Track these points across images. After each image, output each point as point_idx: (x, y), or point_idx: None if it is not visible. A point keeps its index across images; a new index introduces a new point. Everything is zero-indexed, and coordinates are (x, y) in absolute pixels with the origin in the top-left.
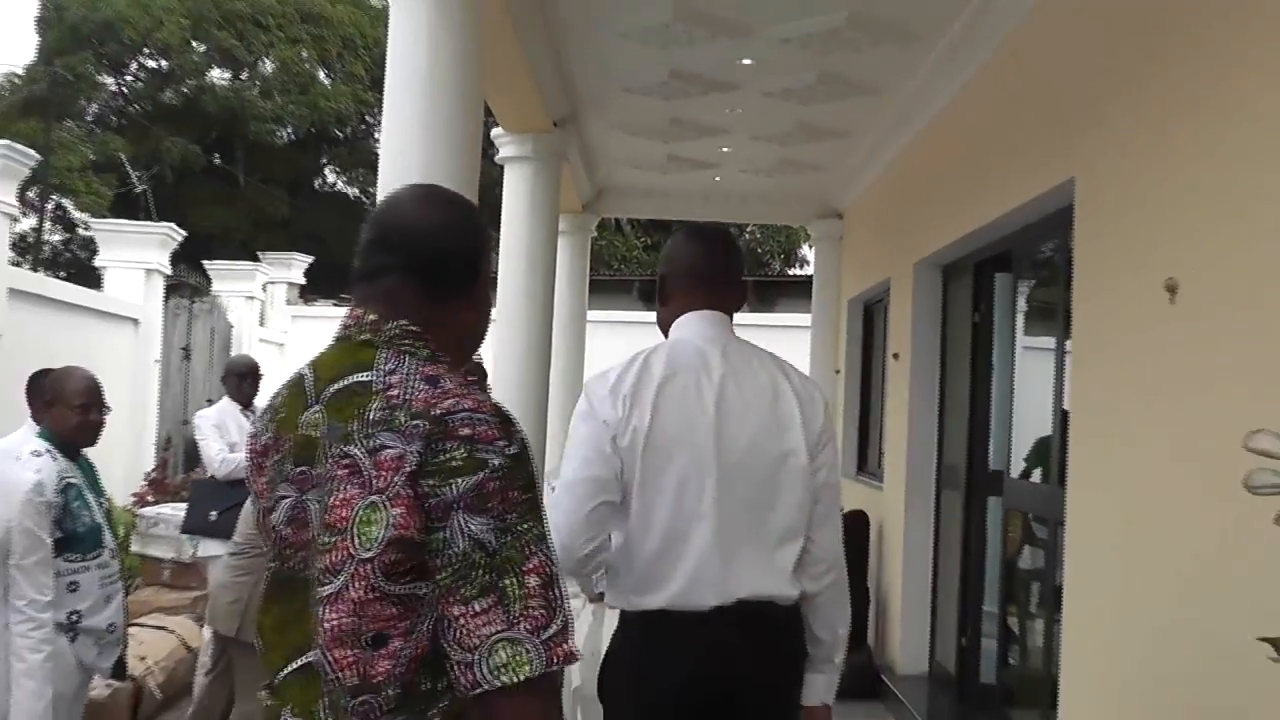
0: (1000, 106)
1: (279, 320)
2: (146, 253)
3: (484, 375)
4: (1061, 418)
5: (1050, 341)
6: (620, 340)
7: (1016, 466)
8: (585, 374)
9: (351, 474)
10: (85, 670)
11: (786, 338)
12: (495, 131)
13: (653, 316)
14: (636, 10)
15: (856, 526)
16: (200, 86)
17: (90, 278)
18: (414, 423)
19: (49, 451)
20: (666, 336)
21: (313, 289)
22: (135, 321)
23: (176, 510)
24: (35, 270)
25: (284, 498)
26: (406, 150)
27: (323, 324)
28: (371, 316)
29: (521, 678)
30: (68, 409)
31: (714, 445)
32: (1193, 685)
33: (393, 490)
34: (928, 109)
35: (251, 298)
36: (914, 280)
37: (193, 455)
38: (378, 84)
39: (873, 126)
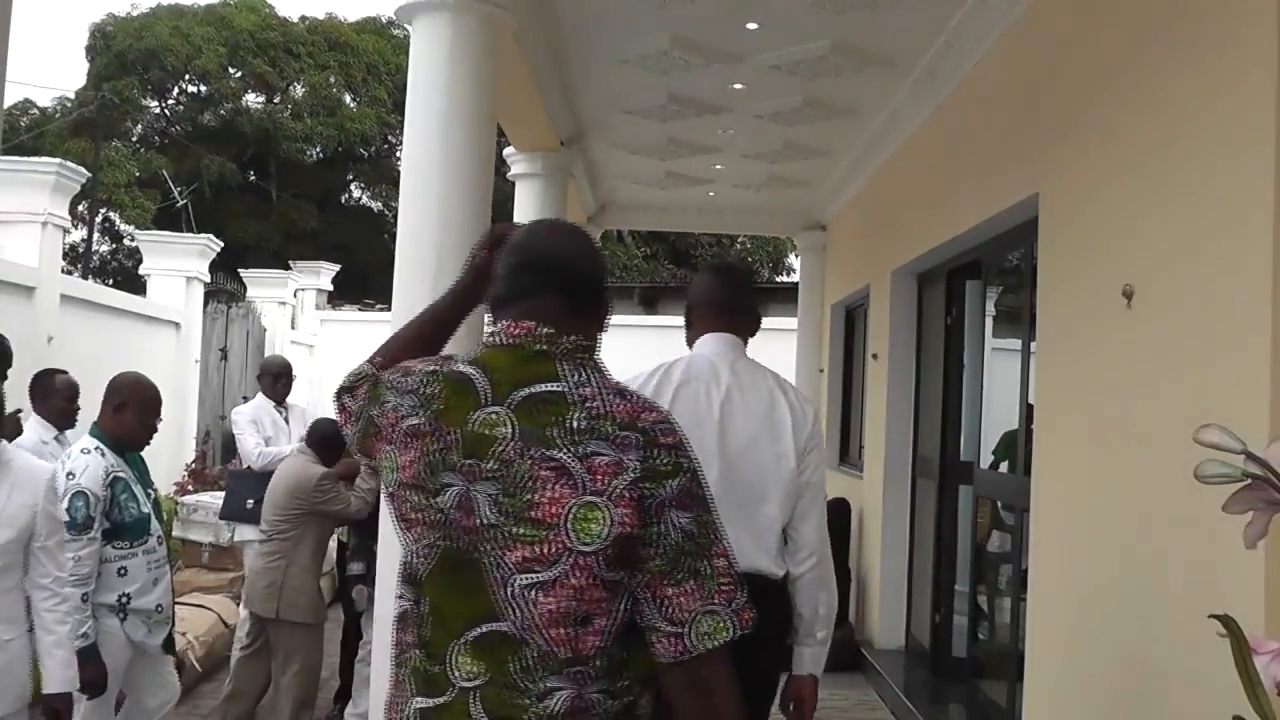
0: (970, 127)
1: (309, 324)
2: (187, 262)
3: None
4: (1027, 413)
5: (1016, 343)
6: (622, 343)
7: (986, 458)
8: None
9: (558, 475)
10: (135, 647)
11: (774, 340)
12: (507, 150)
13: (652, 320)
14: (636, 40)
15: (839, 513)
16: (236, 109)
17: (135, 285)
18: (623, 433)
19: (97, 449)
20: (690, 350)
21: (340, 295)
22: (177, 325)
23: (215, 498)
24: (85, 278)
25: (450, 485)
26: (426, 168)
27: (349, 327)
28: (546, 330)
29: (721, 642)
30: (142, 416)
31: (717, 441)
32: (1147, 659)
33: (614, 493)
34: (904, 129)
35: (283, 303)
36: (891, 287)
37: (230, 448)
38: (399, 107)
39: (853, 145)
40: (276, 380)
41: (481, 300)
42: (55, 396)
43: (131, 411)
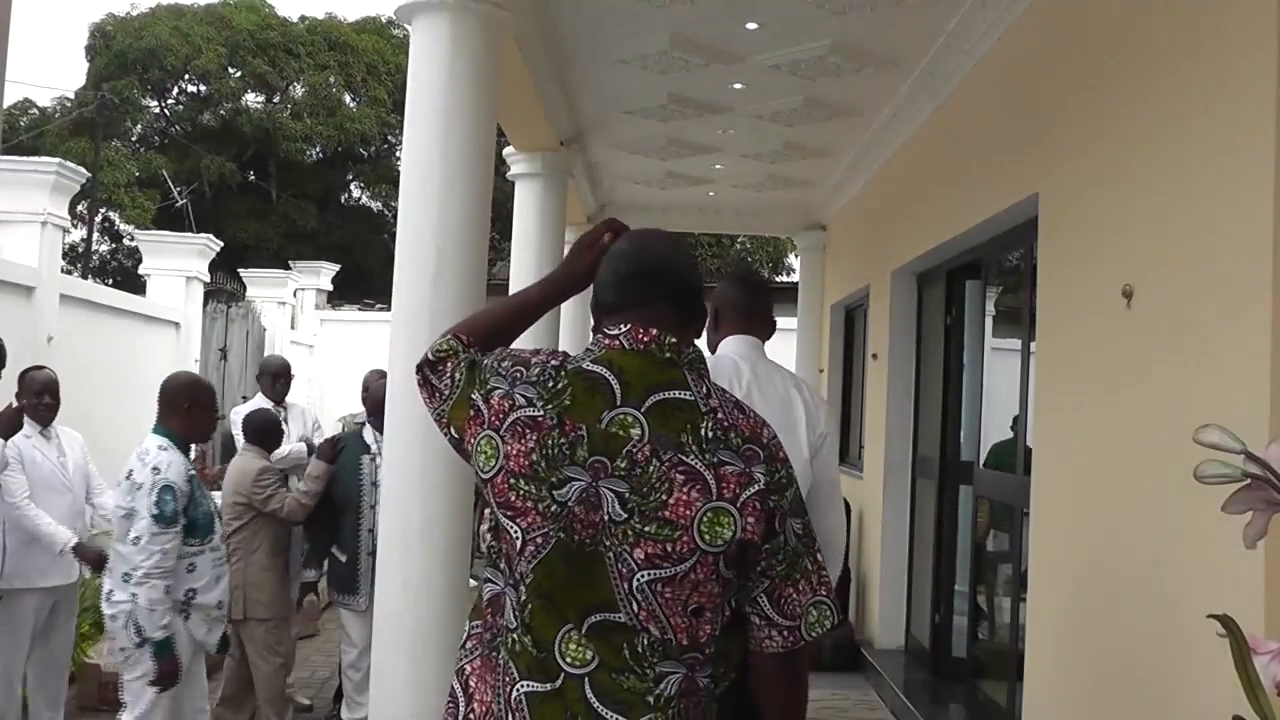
0: (969, 128)
1: (308, 324)
2: (187, 261)
3: None
4: (1026, 413)
5: (1016, 343)
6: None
7: (985, 458)
8: None
9: (690, 480)
10: (196, 644)
11: (775, 340)
12: (507, 150)
13: None
14: (636, 40)
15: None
16: (236, 109)
17: (135, 284)
18: (748, 447)
19: (174, 449)
20: (713, 353)
21: (339, 295)
22: (176, 325)
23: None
24: (85, 278)
25: (574, 480)
26: (426, 168)
27: (349, 327)
28: (672, 339)
29: (825, 629)
30: (207, 413)
31: None
32: (1146, 658)
33: (742, 501)
34: (903, 130)
35: (283, 303)
36: (891, 287)
37: (229, 447)
38: (399, 107)
39: (853, 146)
40: (275, 380)
41: (573, 294)
42: (25, 391)
43: (200, 410)
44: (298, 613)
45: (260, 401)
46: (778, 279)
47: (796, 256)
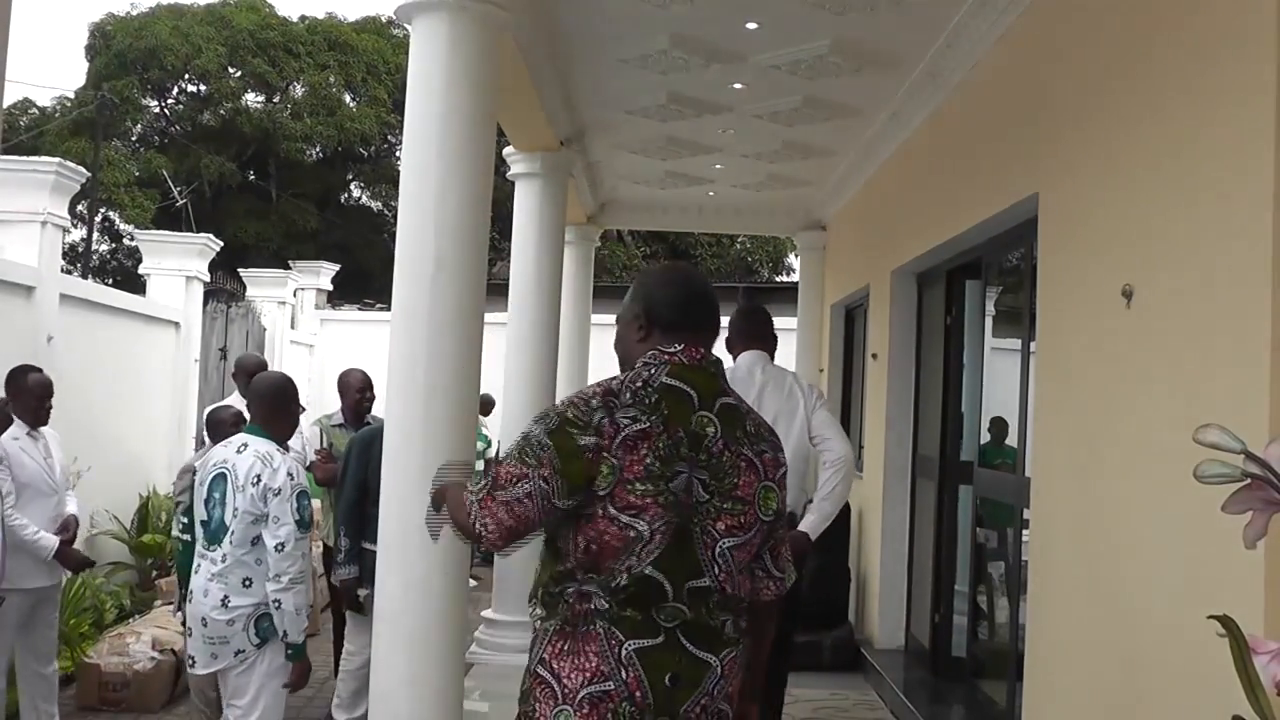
0: (970, 128)
1: (308, 323)
2: (187, 261)
3: None
4: (1027, 413)
5: (1016, 343)
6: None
7: (985, 457)
8: (589, 373)
9: (748, 466)
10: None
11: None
12: (506, 150)
13: None
14: (636, 39)
15: (838, 513)
16: (236, 109)
17: (135, 284)
18: (771, 438)
19: (280, 451)
20: (734, 362)
21: (339, 295)
22: (176, 325)
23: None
24: (85, 277)
25: (681, 472)
26: (425, 168)
27: (349, 327)
28: (713, 357)
29: (794, 577)
30: (297, 410)
31: None
32: (1147, 659)
33: (778, 479)
34: (903, 130)
35: (283, 303)
36: (891, 287)
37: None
38: (399, 107)
39: (853, 145)
40: (251, 378)
41: None
42: (27, 395)
43: (295, 410)
44: (363, 612)
45: (236, 400)
46: (778, 279)
47: (796, 256)
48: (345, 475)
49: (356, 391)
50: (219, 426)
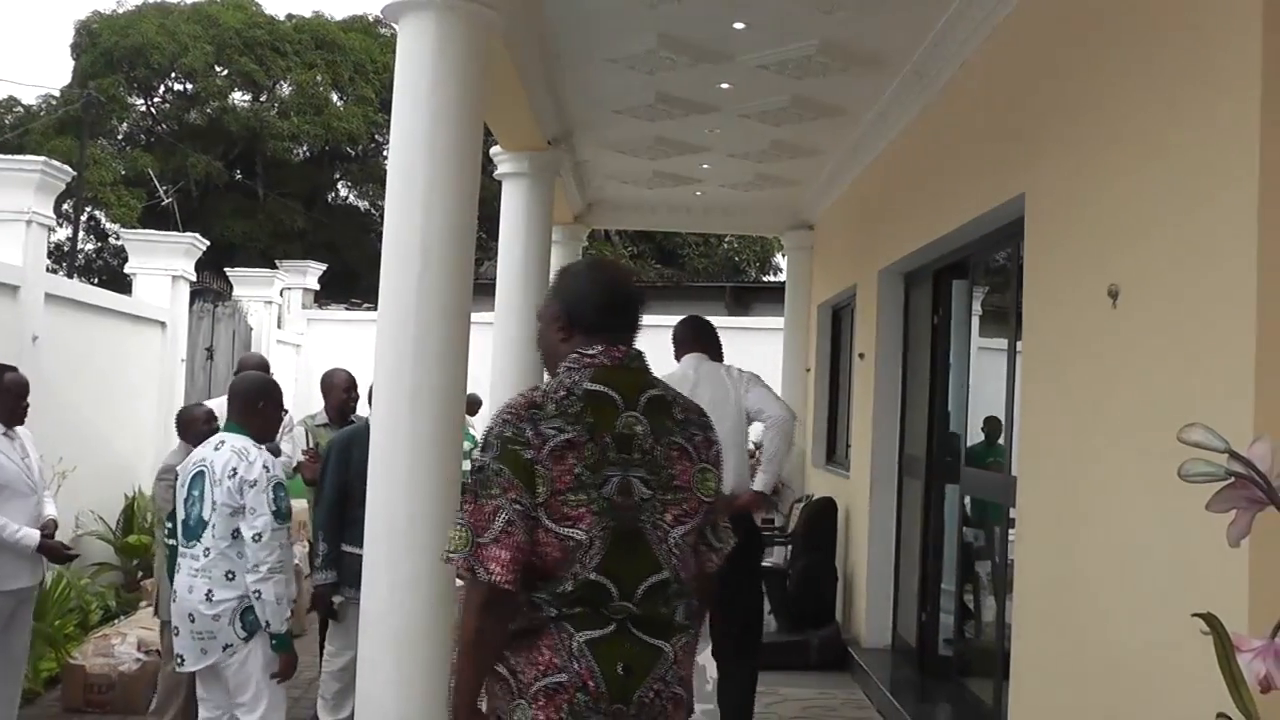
0: (957, 127)
1: (295, 323)
2: (173, 261)
3: None
4: (1013, 412)
5: (1003, 342)
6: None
7: (972, 457)
8: None
9: (681, 454)
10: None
11: (762, 339)
12: (494, 149)
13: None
14: (624, 39)
15: (826, 512)
16: (223, 108)
17: (121, 284)
18: (701, 419)
19: (256, 445)
20: (678, 361)
21: (326, 294)
22: (163, 324)
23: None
24: (70, 277)
25: (611, 476)
26: (412, 167)
27: (336, 326)
28: (635, 351)
29: (731, 545)
30: (278, 411)
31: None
32: (1132, 657)
33: (712, 459)
34: (890, 130)
35: (270, 302)
36: (878, 286)
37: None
38: (386, 106)
39: (841, 145)
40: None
41: None
42: (4, 394)
43: (271, 408)
44: (337, 620)
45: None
46: (765, 279)
47: (784, 256)
48: (324, 478)
49: (342, 391)
50: (190, 425)
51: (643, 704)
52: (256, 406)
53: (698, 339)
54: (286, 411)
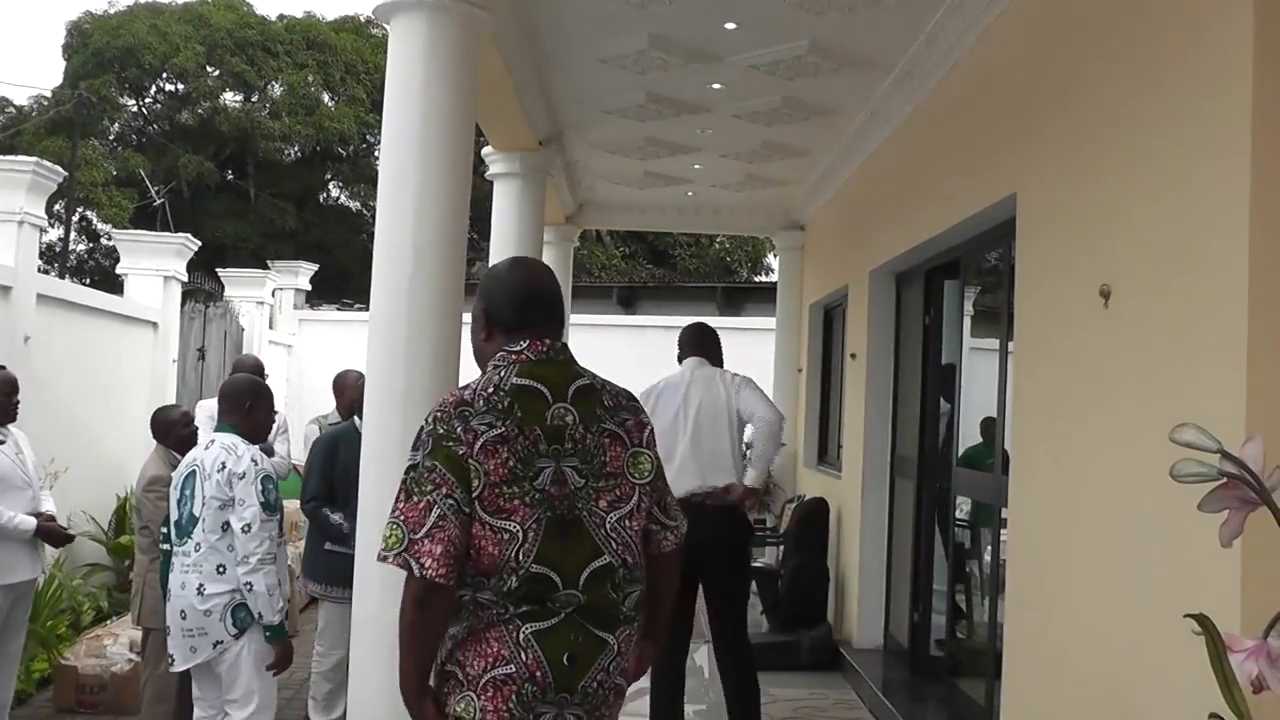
0: (948, 128)
1: (287, 323)
2: (165, 261)
3: None
4: (1004, 412)
5: (995, 342)
6: (600, 341)
7: (975, 458)
8: None
9: (613, 440)
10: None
11: (753, 339)
12: (485, 150)
13: (628, 320)
14: (615, 39)
15: (817, 512)
16: (214, 108)
17: (113, 284)
18: (631, 403)
19: (244, 442)
20: (680, 365)
21: (318, 295)
22: (154, 325)
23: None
24: (62, 277)
25: (544, 468)
26: (404, 168)
27: (327, 327)
28: (560, 344)
29: (686, 527)
30: (268, 411)
31: (687, 412)
32: (1124, 657)
33: (645, 442)
34: (882, 130)
35: (261, 303)
36: (870, 286)
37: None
38: (378, 106)
39: (832, 145)
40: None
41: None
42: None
43: (260, 409)
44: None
45: (210, 403)
46: (757, 279)
47: (775, 256)
48: (308, 478)
49: (355, 391)
50: (169, 427)
51: (586, 693)
52: (244, 407)
53: (699, 344)
54: (278, 412)
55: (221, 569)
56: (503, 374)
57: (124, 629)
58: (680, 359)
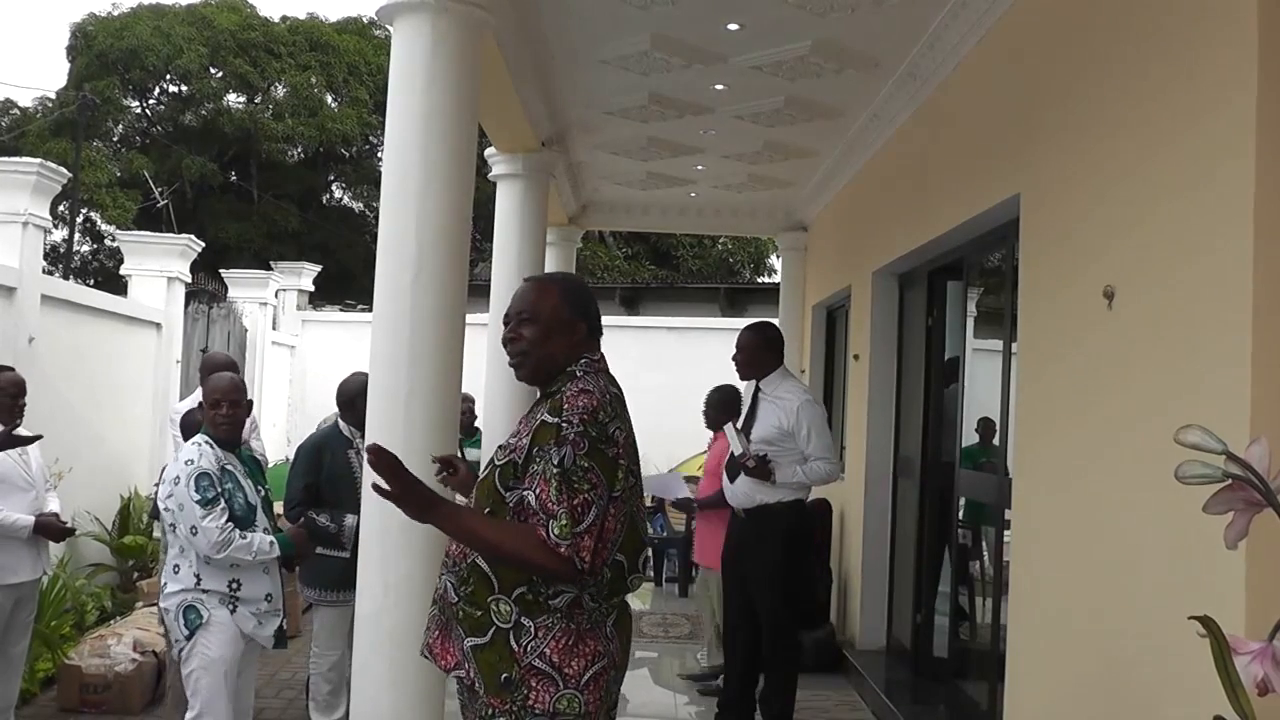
0: (951, 128)
1: (290, 324)
2: (168, 262)
3: None
4: (1008, 414)
5: (998, 344)
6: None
7: (967, 458)
8: None
9: (635, 443)
10: (247, 639)
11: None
12: (488, 151)
13: (633, 321)
14: (618, 40)
15: (820, 513)
16: (218, 109)
17: (116, 285)
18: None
19: (206, 443)
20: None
21: (321, 296)
22: (158, 325)
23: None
24: (66, 278)
25: (635, 467)
26: (407, 169)
27: (330, 328)
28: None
29: None
30: (212, 410)
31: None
32: (1128, 659)
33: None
34: (884, 131)
35: (265, 303)
36: (872, 288)
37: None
38: (380, 108)
39: (835, 146)
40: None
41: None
42: (6, 396)
43: (227, 407)
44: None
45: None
46: (759, 280)
47: (778, 257)
48: (290, 481)
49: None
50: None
51: (625, 663)
52: (213, 406)
53: (780, 354)
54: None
55: (176, 568)
56: (603, 381)
57: (128, 629)
58: (765, 369)
